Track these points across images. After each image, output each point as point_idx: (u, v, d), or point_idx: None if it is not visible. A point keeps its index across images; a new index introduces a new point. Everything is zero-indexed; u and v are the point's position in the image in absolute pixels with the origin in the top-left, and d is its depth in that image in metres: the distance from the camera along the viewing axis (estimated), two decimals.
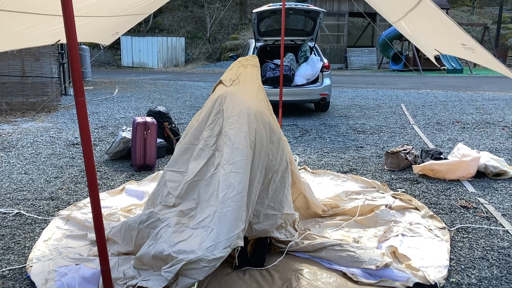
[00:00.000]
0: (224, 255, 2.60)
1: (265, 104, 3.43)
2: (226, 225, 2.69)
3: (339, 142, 7.02)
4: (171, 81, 18.45)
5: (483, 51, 2.40)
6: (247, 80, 3.46)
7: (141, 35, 29.10)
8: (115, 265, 2.95)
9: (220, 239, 2.63)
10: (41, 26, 3.13)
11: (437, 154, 5.51)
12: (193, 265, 2.58)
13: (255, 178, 3.01)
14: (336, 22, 25.45)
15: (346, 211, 4.03)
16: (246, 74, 3.50)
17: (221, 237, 2.64)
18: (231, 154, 2.97)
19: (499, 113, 9.58)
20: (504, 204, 4.28)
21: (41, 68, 10.44)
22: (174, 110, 10.32)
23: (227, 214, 2.73)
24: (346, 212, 4.03)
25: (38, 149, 6.57)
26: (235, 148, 2.98)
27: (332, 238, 3.41)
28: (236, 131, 3.04)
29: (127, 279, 2.84)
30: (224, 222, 2.70)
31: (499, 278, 2.94)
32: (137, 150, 5.47)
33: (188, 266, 2.60)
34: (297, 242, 3.22)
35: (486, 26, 24.98)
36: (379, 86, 15.63)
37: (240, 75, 3.49)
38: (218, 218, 2.74)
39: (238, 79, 3.46)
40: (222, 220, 2.71)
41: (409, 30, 3.72)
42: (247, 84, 3.43)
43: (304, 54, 9.61)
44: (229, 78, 3.47)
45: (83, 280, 2.84)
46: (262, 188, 3.13)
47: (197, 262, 2.57)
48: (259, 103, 3.31)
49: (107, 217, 3.85)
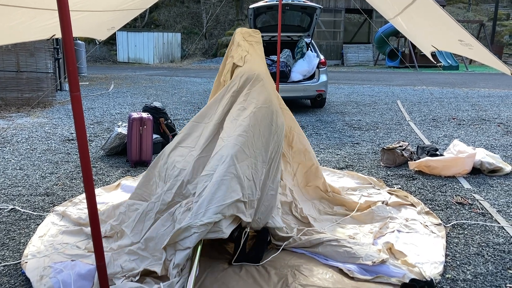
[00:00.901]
0: (213, 220, 2.67)
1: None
2: (217, 194, 2.76)
3: (335, 138, 7.03)
4: (167, 76, 18.38)
5: (481, 47, 2.40)
6: (256, 56, 3.48)
7: (137, 31, 28.96)
8: (110, 261, 2.93)
9: (210, 207, 2.71)
10: (36, 20, 3.10)
11: (433, 150, 5.52)
12: (185, 233, 2.67)
13: (259, 156, 3.04)
14: (333, 19, 25.42)
15: (345, 202, 4.05)
16: (253, 50, 3.52)
17: (211, 204, 2.72)
18: (233, 128, 3.04)
19: (495, 110, 9.61)
20: (499, 200, 4.30)
21: (36, 63, 10.36)
22: (170, 106, 10.28)
23: (219, 183, 2.80)
24: (345, 203, 4.04)
25: (33, 145, 6.54)
26: (238, 125, 3.04)
27: (328, 233, 3.42)
28: (242, 110, 3.09)
29: (125, 272, 2.84)
30: (215, 191, 2.78)
31: (494, 274, 2.95)
32: (132, 145, 5.45)
33: (181, 236, 2.68)
34: (294, 238, 3.22)
35: (482, 23, 25.03)
36: (375, 82, 15.64)
37: (249, 48, 3.53)
38: (209, 187, 2.81)
39: (249, 53, 3.50)
40: (214, 189, 2.79)
41: (406, 26, 3.71)
42: (257, 61, 3.46)
43: (301, 50, 9.59)
44: (240, 57, 3.49)
45: (79, 277, 2.82)
46: (267, 169, 3.15)
47: (188, 230, 2.66)
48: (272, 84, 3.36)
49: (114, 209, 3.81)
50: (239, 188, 2.84)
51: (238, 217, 2.86)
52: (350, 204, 4.05)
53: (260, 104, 3.19)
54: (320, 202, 4.05)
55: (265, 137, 3.11)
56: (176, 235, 2.72)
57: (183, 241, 2.68)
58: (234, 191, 2.80)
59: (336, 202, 4.08)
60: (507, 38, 28.37)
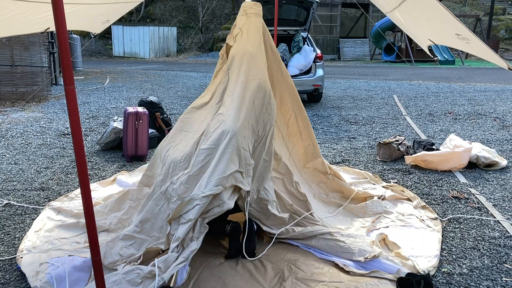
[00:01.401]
0: (214, 192, 2.74)
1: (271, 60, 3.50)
2: (218, 167, 2.83)
3: (332, 133, 7.02)
4: (163, 71, 18.30)
5: (478, 41, 2.39)
6: (250, 32, 3.42)
7: (133, 25, 28.77)
8: (107, 250, 2.91)
9: (211, 179, 2.79)
10: (30, 13, 3.07)
11: (429, 145, 5.53)
12: (188, 206, 2.74)
13: (251, 127, 3.08)
14: (329, 13, 25.34)
15: (343, 188, 4.04)
16: (249, 24, 3.45)
17: (212, 177, 2.79)
18: (230, 102, 3.10)
19: (491, 104, 9.63)
20: (495, 194, 4.31)
21: (30, 57, 10.28)
22: (166, 100, 10.24)
23: (221, 157, 2.87)
24: (343, 189, 4.04)
25: (28, 139, 6.50)
26: (235, 97, 3.10)
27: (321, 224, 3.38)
28: (236, 83, 3.17)
29: (125, 258, 2.83)
30: (217, 164, 2.85)
31: (490, 268, 2.96)
32: (128, 140, 5.42)
33: (185, 209, 2.74)
34: (287, 229, 3.20)
35: (478, 17, 25.02)
36: (372, 77, 15.64)
37: (243, 26, 3.46)
38: (213, 161, 2.89)
39: (241, 30, 3.45)
40: (215, 163, 2.86)
41: (403, 20, 3.69)
42: (250, 37, 3.41)
43: (297, 45, 9.56)
44: (233, 36, 3.47)
45: (74, 269, 2.80)
46: (261, 142, 3.17)
47: (191, 202, 2.73)
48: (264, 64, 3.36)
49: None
50: (237, 159, 2.90)
51: (238, 187, 2.89)
52: (348, 191, 4.04)
53: (251, 77, 3.20)
54: (318, 186, 4.01)
55: (258, 108, 3.14)
56: (179, 209, 2.78)
57: (186, 214, 2.74)
58: (233, 162, 2.87)
59: (334, 188, 4.06)
60: (503, 32, 28.41)
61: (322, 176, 4.08)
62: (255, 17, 3.46)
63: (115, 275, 2.58)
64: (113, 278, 2.55)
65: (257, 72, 3.23)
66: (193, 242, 2.72)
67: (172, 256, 2.66)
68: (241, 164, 2.92)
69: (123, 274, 2.55)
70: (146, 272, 2.56)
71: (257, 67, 3.24)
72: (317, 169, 4.08)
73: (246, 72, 3.20)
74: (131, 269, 2.59)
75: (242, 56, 3.26)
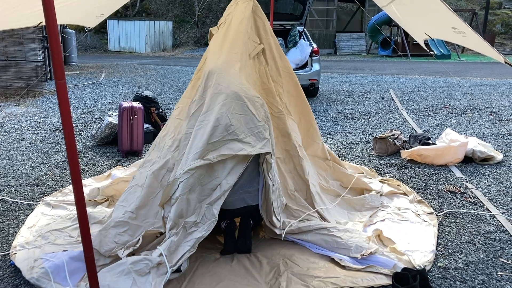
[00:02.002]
0: (193, 166, 2.72)
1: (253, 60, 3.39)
2: (195, 141, 2.82)
3: (328, 127, 7.01)
4: (159, 65, 18.21)
5: (474, 34, 2.37)
6: (234, 20, 3.39)
7: (128, 19, 28.60)
8: (100, 238, 2.88)
9: (189, 156, 2.80)
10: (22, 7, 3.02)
11: (425, 139, 5.52)
12: (174, 187, 2.77)
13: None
14: (325, 7, 25.26)
15: (343, 175, 4.02)
16: (236, 12, 3.43)
17: (190, 153, 2.80)
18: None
19: (486, 98, 9.63)
20: (490, 189, 4.31)
21: (25, 52, 10.19)
22: (161, 95, 10.19)
23: (196, 133, 2.87)
24: (342, 177, 4.02)
25: (23, 135, 6.45)
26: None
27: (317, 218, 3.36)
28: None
29: (121, 245, 2.84)
30: (193, 140, 2.86)
31: (486, 262, 2.96)
32: (123, 135, 5.39)
33: (172, 191, 2.80)
34: (284, 221, 3.17)
35: (474, 11, 25.00)
36: (368, 71, 15.62)
37: (229, 15, 3.45)
38: (191, 139, 2.91)
39: (225, 19, 3.43)
40: (192, 139, 2.88)
41: (399, 13, 3.67)
42: (232, 26, 3.37)
43: (293, 39, 9.52)
44: (218, 24, 3.47)
45: (71, 260, 2.79)
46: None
47: (175, 182, 2.77)
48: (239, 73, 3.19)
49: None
50: (223, 128, 2.82)
51: (240, 156, 2.81)
52: (347, 178, 4.02)
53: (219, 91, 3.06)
54: (317, 172, 3.98)
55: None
56: (167, 191, 2.82)
57: (174, 194, 2.79)
58: (215, 132, 2.81)
59: (334, 175, 4.04)
60: (499, 27, 28.42)
61: (321, 163, 4.05)
62: (242, 3, 3.45)
63: (121, 264, 2.59)
64: (121, 267, 2.56)
65: (227, 84, 3.08)
66: (197, 230, 2.71)
67: (173, 242, 2.66)
68: (233, 131, 2.80)
69: (131, 264, 2.56)
70: (155, 263, 2.58)
71: (225, 81, 3.09)
72: (317, 155, 4.04)
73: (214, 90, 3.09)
74: (139, 259, 2.61)
75: (211, 74, 3.15)
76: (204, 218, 2.76)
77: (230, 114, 2.85)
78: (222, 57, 3.21)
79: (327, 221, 3.30)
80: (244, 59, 3.28)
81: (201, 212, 2.77)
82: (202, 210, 2.77)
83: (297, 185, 3.45)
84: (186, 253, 2.65)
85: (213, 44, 3.44)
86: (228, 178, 2.81)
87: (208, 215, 2.76)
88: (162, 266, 2.61)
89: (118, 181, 4.05)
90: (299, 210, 3.31)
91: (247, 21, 3.41)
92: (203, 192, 2.79)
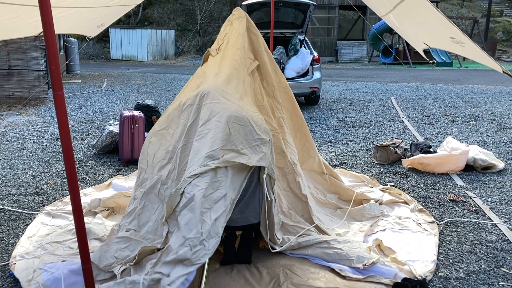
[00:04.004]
0: (191, 174, 2.70)
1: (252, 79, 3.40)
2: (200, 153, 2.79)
3: (329, 135, 7.00)
4: (161, 74, 18.29)
5: (472, 44, 2.37)
6: (231, 41, 3.42)
7: (131, 28, 28.77)
8: (101, 253, 2.88)
9: (190, 168, 2.78)
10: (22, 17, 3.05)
11: (426, 147, 5.51)
12: (176, 199, 2.73)
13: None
14: (327, 15, 25.37)
15: (341, 189, 4.01)
16: (231, 32, 3.46)
17: (191, 166, 2.78)
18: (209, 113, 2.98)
19: (488, 106, 9.62)
20: (492, 197, 4.29)
21: (27, 61, 10.25)
22: (163, 104, 10.22)
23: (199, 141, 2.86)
24: (340, 191, 4.01)
25: (24, 144, 6.47)
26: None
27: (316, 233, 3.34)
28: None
29: (120, 260, 2.82)
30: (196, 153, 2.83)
31: (487, 272, 2.94)
32: (124, 144, 5.40)
33: (175, 202, 2.75)
34: (283, 238, 3.16)
35: (476, 19, 25.07)
36: (369, 79, 15.64)
37: (225, 36, 3.48)
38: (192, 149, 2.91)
39: (223, 41, 3.45)
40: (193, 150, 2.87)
41: (398, 23, 3.68)
42: (229, 45, 3.40)
43: (294, 47, 9.56)
44: (215, 47, 3.47)
45: (71, 273, 2.78)
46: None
47: (177, 193, 2.73)
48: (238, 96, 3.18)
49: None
50: (221, 137, 2.81)
51: (243, 166, 2.80)
52: (345, 192, 4.01)
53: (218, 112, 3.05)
54: (314, 187, 3.98)
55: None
56: (170, 204, 2.75)
57: (177, 206, 2.73)
58: (215, 140, 2.79)
59: (331, 189, 4.03)
60: (501, 34, 28.47)
61: (318, 177, 4.05)
62: (236, 21, 3.49)
63: (120, 283, 2.56)
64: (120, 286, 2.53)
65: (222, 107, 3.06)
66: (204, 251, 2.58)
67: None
68: (231, 141, 2.79)
69: (130, 284, 2.52)
70: (152, 278, 2.50)
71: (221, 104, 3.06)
72: (314, 170, 4.05)
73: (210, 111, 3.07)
74: (135, 279, 2.56)
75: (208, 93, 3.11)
76: (208, 235, 2.59)
77: (230, 124, 2.85)
78: (221, 76, 3.20)
79: (327, 234, 3.28)
80: (241, 76, 3.30)
81: (204, 227, 2.61)
82: (206, 225, 2.61)
83: (291, 203, 3.43)
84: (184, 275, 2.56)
85: (211, 63, 3.42)
86: (230, 192, 2.73)
87: (212, 233, 2.61)
88: (161, 283, 2.52)
89: (120, 195, 4.04)
90: (295, 226, 3.28)
91: (243, 38, 3.45)
92: (206, 202, 2.69)
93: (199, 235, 2.55)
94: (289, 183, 3.46)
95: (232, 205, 2.74)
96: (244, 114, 2.91)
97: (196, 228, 2.57)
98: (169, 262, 2.55)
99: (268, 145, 2.91)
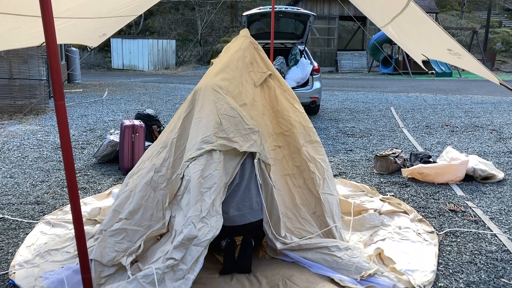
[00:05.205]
0: (188, 158, 2.89)
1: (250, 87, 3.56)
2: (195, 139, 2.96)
3: (329, 145, 7.02)
4: (162, 83, 18.36)
5: (469, 56, 2.40)
6: (231, 50, 3.62)
7: (132, 37, 28.96)
8: (102, 250, 2.86)
9: (187, 154, 2.95)
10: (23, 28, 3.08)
11: (426, 157, 5.52)
12: (177, 184, 2.89)
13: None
14: (327, 26, 25.54)
15: (339, 200, 4.01)
16: (234, 44, 3.67)
17: (188, 152, 2.95)
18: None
19: (488, 116, 9.65)
20: (492, 207, 4.29)
21: (29, 70, 10.32)
22: (164, 113, 10.25)
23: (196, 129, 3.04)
24: (339, 202, 4.01)
25: (25, 153, 6.48)
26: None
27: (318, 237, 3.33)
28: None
29: (122, 252, 2.83)
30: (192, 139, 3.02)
31: (487, 283, 2.93)
32: (124, 153, 5.41)
33: (176, 187, 2.91)
34: (284, 241, 3.15)
35: (475, 30, 25.22)
36: (369, 89, 15.69)
37: (227, 48, 3.71)
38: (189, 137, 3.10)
39: (228, 48, 3.68)
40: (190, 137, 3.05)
41: (396, 35, 3.72)
42: (228, 53, 3.59)
43: (294, 57, 9.61)
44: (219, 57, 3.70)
45: (74, 272, 2.78)
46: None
47: (177, 178, 2.91)
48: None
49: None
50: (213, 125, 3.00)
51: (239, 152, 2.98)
52: (343, 203, 4.01)
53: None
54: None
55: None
56: (172, 189, 2.90)
57: (178, 191, 2.88)
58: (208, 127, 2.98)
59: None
60: (500, 45, 28.61)
61: None
62: (240, 39, 3.71)
63: (132, 281, 2.54)
64: (132, 284, 2.52)
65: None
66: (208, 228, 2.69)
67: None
68: (223, 129, 2.99)
69: (142, 278, 2.53)
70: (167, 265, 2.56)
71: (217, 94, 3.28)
72: None
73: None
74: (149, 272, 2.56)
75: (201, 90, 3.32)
76: (209, 214, 2.73)
77: (221, 115, 3.06)
78: (216, 72, 3.40)
79: (334, 237, 3.27)
80: (237, 81, 3.43)
81: (204, 206, 2.74)
82: (205, 204, 2.75)
83: (305, 200, 3.44)
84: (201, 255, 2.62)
85: (210, 67, 3.62)
86: (223, 176, 2.89)
87: (212, 211, 2.76)
88: (177, 269, 2.56)
89: None
90: (300, 229, 3.29)
91: (243, 51, 3.58)
92: (204, 183, 2.81)
93: (198, 212, 2.69)
94: (305, 180, 3.50)
95: (225, 189, 2.90)
96: (233, 106, 3.15)
97: (194, 206, 2.72)
98: (179, 246, 2.61)
99: (257, 134, 3.14)
